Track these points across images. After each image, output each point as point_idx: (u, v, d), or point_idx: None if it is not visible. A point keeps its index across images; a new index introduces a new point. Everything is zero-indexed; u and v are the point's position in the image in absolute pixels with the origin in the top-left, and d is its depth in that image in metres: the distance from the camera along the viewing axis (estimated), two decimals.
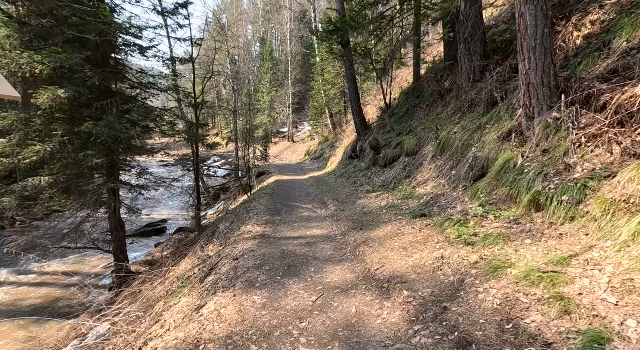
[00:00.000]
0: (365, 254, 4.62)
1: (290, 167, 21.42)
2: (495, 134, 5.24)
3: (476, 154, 5.33)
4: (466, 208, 4.61)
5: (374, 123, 12.36)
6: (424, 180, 6.84)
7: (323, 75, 21.59)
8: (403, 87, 12.86)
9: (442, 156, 6.77)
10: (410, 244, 4.43)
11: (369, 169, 9.78)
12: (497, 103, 6.13)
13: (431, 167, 6.91)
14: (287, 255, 5.07)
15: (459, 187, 5.40)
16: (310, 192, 10.59)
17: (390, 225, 5.48)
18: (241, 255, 5.29)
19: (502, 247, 3.39)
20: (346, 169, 12.00)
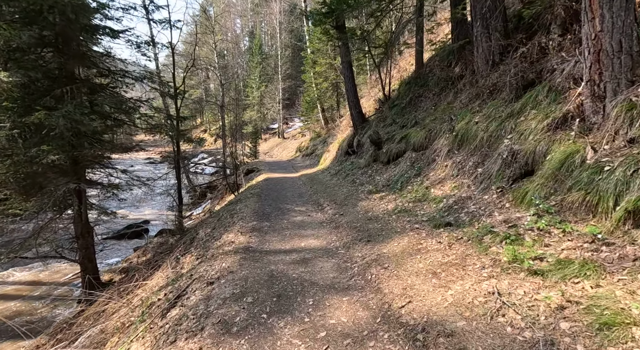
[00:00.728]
0: (381, 279, 3.44)
1: (280, 165, 20.14)
2: (538, 121, 4.10)
3: (512, 147, 4.19)
4: (512, 217, 3.45)
5: (372, 116, 11.20)
6: (439, 179, 5.68)
7: (315, 68, 20.31)
8: (403, 77, 11.72)
9: (461, 151, 5.63)
10: (441, 266, 3.26)
11: (369, 166, 8.61)
12: (530, 86, 5.00)
13: (447, 163, 5.76)
14: (277, 279, 3.85)
15: (492, 188, 4.25)
16: (303, 192, 9.37)
17: (407, 236, 4.32)
18: (217, 279, 4.06)
19: (596, 283, 2.24)
20: (342, 166, 10.80)
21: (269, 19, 38.87)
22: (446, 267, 3.21)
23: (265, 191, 10.14)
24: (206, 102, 32.04)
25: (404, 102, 9.67)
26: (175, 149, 12.72)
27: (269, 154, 31.43)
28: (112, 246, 15.39)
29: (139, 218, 19.28)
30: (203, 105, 38.89)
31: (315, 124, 24.26)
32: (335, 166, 11.85)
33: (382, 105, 11.25)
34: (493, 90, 5.95)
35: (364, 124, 10.51)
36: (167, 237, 13.17)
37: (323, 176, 11.42)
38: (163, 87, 10.61)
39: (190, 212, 19.73)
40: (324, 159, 16.20)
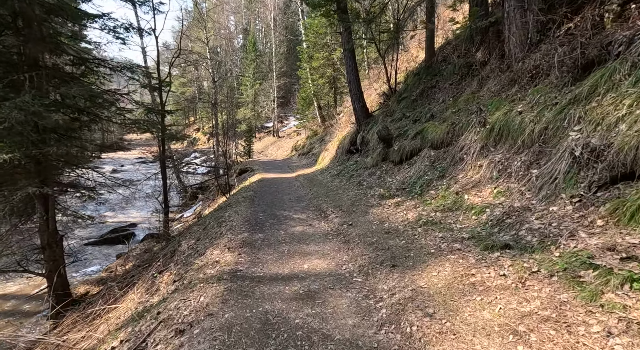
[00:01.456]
0: (428, 336, 2.27)
1: (276, 164, 18.90)
2: (628, 107, 2.96)
3: (590, 142, 3.06)
4: (620, 243, 2.31)
5: (376, 111, 10.05)
6: (472, 182, 4.53)
7: (311, 63, 19.08)
8: (408, 69, 10.58)
9: (500, 147, 4.49)
10: (522, 320, 2.11)
11: (378, 166, 7.44)
12: (595, 64, 3.87)
13: (482, 163, 4.62)
14: (274, 329, 2.66)
15: (562, 197, 3.11)
16: (301, 195, 8.18)
17: (447, 261, 3.16)
18: (190, 325, 2.86)
19: None
20: (344, 166, 9.63)
21: (264, 15, 37.52)
22: (534, 324, 2.05)
23: (259, 194, 8.93)
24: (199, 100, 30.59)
25: (413, 95, 8.52)
26: (160, 147, 11.44)
27: (263, 153, 30.15)
28: (95, 252, 14.03)
29: (125, 221, 17.94)
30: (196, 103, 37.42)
31: (311, 122, 23.04)
32: (336, 166, 10.66)
33: (388, 99, 10.10)
34: (535, 74, 4.81)
35: (368, 119, 9.35)
36: (152, 244, 11.94)
37: (323, 177, 10.23)
38: (145, 78, 9.30)
39: (180, 214, 18.44)
40: (322, 158, 15.00)
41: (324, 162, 13.88)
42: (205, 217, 8.03)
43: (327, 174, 10.47)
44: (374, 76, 14.70)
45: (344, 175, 8.77)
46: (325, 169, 11.63)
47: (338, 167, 10.20)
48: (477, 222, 3.73)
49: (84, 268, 12.07)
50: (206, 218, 7.65)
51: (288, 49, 38.00)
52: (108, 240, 14.42)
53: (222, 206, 8.74)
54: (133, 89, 11.48)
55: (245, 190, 10.47)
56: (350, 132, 10.17)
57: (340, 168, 9.81)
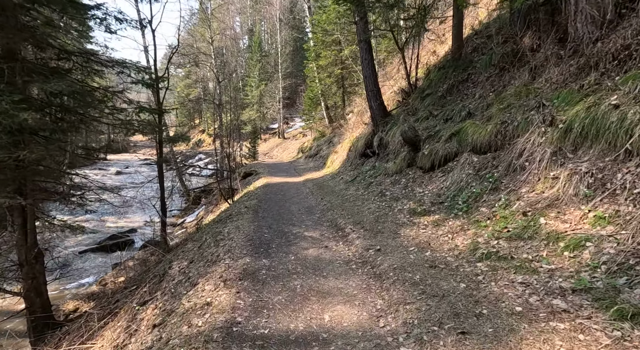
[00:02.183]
0: None
1: (281, 167, 17.77)
2: None
3: None
4: None
5: (394, 109, 8.87)
6: (545, 200, 3.34)
7: (318, 61, 17.94)
8: (429, 63, 9.38)
9: (584, 153, 3.29)
10: None
11: (402, 172, 6.25)
12: None
13: (556, 174, 3.42)
14: None
15: None
16: (312, 205, 7.03)
17: (552, 333, 1.99)
18: None
19: None
20: (359, 171, 8.46)
21: (269, 15, 36.49)
22: None
23: (263, 203, 7.79)
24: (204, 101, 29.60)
25: (440, 91, 7.33)
26: (157, 150, 10.35)
27: (269, 154, 29.06)
28: (92, 260, 12.98)
29: (125, 226, 16.91)
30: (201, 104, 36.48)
31: (318, 123, 21.89)
32: (349, 170, 9.49)
33: (407, 97, 8.91)
34: (624, 56, 3.61)
35: (386, 119, 8.18)
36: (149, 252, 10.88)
37: (335, 183, 9.06)
38: (138, 73, 8.19)
39: (182, 219, 17.39)
40: (330, 161, 13.84)
41: (334, 165, 12.72)
42: (203, 230, 6.90)
43: (339, 179, 9.30)
44: (386, 73, 13.50)
45: (360, 182, 7.60)
46: (336, 174, 10.46)
47: (351, 172, 9.02)
48: (577, 263, 2.53)
49: (79, 279, 11.02)
50: (203, 233, 6.51)
51: (294, 50, 36.91)
52: (105, 247, 13.35)
53: (222, 217, 7.60)
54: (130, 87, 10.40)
55: (249, 197, 9.34)
56: (365, 134, 9.01)
57: (355, 173, 8.63)
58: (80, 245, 14.03)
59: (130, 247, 13.96)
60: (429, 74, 8.84)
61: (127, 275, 9.16)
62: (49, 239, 10.71)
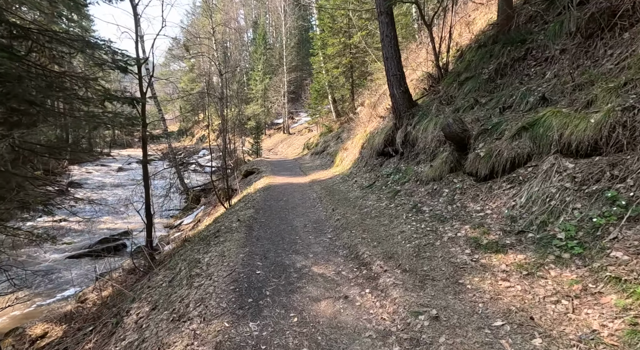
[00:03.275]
0: None
1: (286, 165, 16.12)
2: None
3: None
4: None
5: (420, 98, 7.14)
6: None
7: (325, 50, 16.14)
8: (461, 43, 7.60)
9: None
10: None
11: (443, 179, 4.54)
12: None
13: None
14: None
15: None
16: (321, 218, 5.39)
17: None
18: None
19: None
20: (378, 174, 6.77)
21: (273, 6, 34.54)
22: None
23: (261, 213, 6.16)
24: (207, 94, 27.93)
25: (484, 73, 5.58)
26: (143, 148, 8.72)
27: (273, 150, 27.42)
28: (79, 267, 11.44)
29: (119, 228, 15.41)
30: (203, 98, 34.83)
31: (324, 117, 20.14)
32: (364, 172, 7.79)
33: (436, 83, 7.15)
34: None
35: (412, 109, 6.46)
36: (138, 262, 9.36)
37: (347, 187, 7.39)
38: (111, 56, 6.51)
39: (180, 220, 15.81)
40: (339, 159, 12.15)
41: (344, 164, 11.03)
42: (178, 257, 5.26)
43: (352, 182, 7.62)
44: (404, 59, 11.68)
45: (381, 189, 5.91)
46: (347, 175, 8.78)
47: (368, 175, 7.33)
48: None
49: (60, 291, 9.50)
50: (178, 260, 4.88)
51: (299, 42, 34.98)
52: (93, 253, 11.83)
53: (208, 232, 5.95)
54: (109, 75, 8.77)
55: (246, 203, 7.71)
56: (383, 128, 7.31)
57: (372, 177, 6.94)
58: (71, 249, 12.57)
59: (123, 251, 12.48)
60: (462, 55, 7.07)
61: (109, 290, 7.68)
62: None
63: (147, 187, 8.63)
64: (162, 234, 14.04)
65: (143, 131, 8.36)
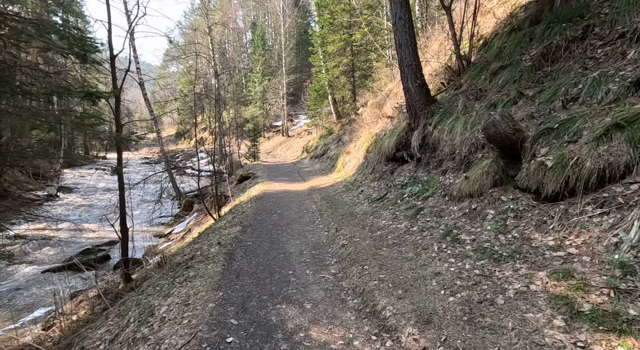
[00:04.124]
0: None
1: (283, 169, 14.91)
2: None
3: None
4: None
5: (439, 94, 5.94)
6: None
7: (325, 47, 14.98)
8: (483, 30, 6.42)
9: None
10: None
11: (482, 197, 3.31)
12: None
13: None
14: None
15: None
16: (322, 242, 4.18)
17: None
18: None
19: None
20: (389, 184, 5.56)
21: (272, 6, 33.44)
22: None
23: (249, 233, 4.94)
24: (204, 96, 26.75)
25: (524, 60, 4.39)
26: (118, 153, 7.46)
27: (271, 153, 26.21)
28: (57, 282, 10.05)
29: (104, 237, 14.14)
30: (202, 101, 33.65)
31: (324, 119, 18.95)
32: (371, 180, 6.57)
33: (457, 76, 5.96)
34: None
35: (431, 106, 5.26)
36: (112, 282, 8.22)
37: (352, 199, 6.18)
38: (66, 40, 5.28)
39: (171, 228, 14.55)
40: (341, 164, 10.94)
41: (346, 170, 9.82)
42: (135, 298, 4.02)
43: (357, 193, 6.41)
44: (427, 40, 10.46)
45: (396, 203, 4.69)
46: (351, 183, 7.58)
47: (376, 184, 6.10)
48: None
49: (29, 312, 8.25)
50: (132, 304, 3.65)
51: (298, 43, 33.83)
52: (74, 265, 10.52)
53: (180, 261, 4.72)
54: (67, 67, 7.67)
55: (234, 218, 6.48)
56: (396, 129, 6.11)
57: (382, 187, 5.72)
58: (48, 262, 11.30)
59: (105, 263, 11.22)
60: (486, 44, 5.88)
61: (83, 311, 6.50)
62: None
63: (123, 198, 7.38)
64: (151, 244, 12.76)
65: (117, 134, 7.16)
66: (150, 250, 11.66)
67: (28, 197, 18.71)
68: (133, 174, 23.41)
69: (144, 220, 15.20)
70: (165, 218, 16.56)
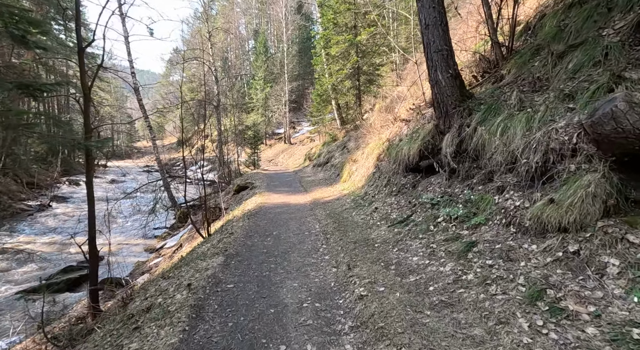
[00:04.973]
0: None
1: (284, 178, 13.65)
2: None
3: None
4: None
5: (473, 88, 4.69)
6: None
7: (328, 49, 13.85)
8: (524, 14, 5.20)
9: None
10: None
11: (586, 231, 2.04)
12: None
13: None
14: None
15: None
16: (329, 284, 2.89)
17: None
18: None
19: None
20: (413, 201, 4.28)
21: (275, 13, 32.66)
22: None
23: (232, 268, 3.65)
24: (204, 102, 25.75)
25: (606, 35, 3.16)
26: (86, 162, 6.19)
27: (273, 161, 25.00)
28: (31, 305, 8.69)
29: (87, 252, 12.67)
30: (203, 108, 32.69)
31: (328, 126, 17.77)
32: (387, 195, 5.29)
33: (493, 68, 4.72)
34: None
35: (467, 102, 4.01)
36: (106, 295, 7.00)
37: (364, 217, 4.89)
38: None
39: (163, 242, 13.21)
40: (347, 173, 9.66)
41: (354, 180, 8.53)
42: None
43: (369, 209, 5.12)
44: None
45: (428, 230, 3.40)
46: (361, 197, 6.30)
47: (394, 200, 4.82)
48: None
49: None
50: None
51: (300, 51, 32.94)
52: (52, 286, 9.23)
53: (132, 313, 3.44)
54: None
55: (220, 241, 5.20)
56: (419, 132, 4.84)
57: (404, 203, 4.43)
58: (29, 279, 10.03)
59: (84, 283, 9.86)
60: (532, 26, 4.65)
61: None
62: None
63: (92, 216, 6.11)
64: (140, 260, 11.45)
65: (86, 138, 5.94)
66: (139, 268, 10.37)
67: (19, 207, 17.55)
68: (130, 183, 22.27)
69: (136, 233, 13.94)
70: (159, 230, 15.25)
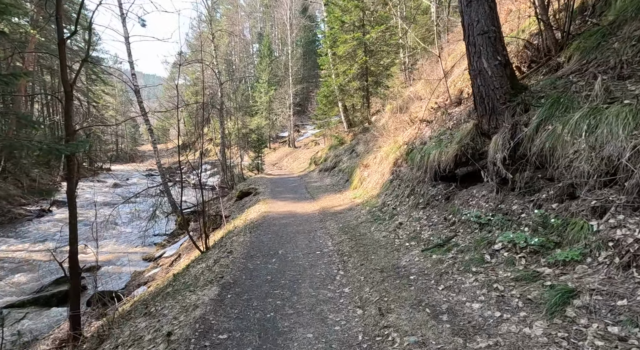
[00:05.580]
0: None
1: (289, 184, 12.82)
2: None
3: None
4: None
5: (523, 79, 3.86)
6: None
7: (335, 48, 13.07)
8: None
9: None
10: None
11: None
12: None
13: None
14: None
15: None
16: (354, 335, 2.08)
17: None
18: None
19: None
20: (451, 218, 3.43)
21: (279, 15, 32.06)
22: None
23: (229, 303, 2.82)
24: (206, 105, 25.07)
25: None
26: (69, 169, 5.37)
27: (277, 165, 24.21)
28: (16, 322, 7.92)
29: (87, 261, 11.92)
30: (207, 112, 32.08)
31: (334, 128, 16.95)
32: (413, 207, 4.43)
33: (546, 55, 3.86)
34: None
35: (521, 96, 3.18)
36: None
37: (387, 235, 4.04)
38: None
39: (163, 250, 12.34)
40: (358, 180, 8.80)
41: (366, 187, 7.67)
42: None
43: (393, 225, 4.27)
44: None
45: (482, 261, 2.54)
46: (378, 208, 5.45)
47: (423, 214, 3.96)
48: None
49: None
50: None
51: (305, 53, 32.27)
52: (40, 300, 8.43)
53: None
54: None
55: (216, 263, 4.37)
56: (458, 135, 3.99)
57: (437, 220, 3.58)
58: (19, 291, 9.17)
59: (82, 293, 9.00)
60: (586, 9, 3.81)
61: None
62: None
63: (74, 228, 5.26)
64: (137, 269, 10.60)
65: (67, 140, 5.13)
66: (136, 279, 9.55)
67: (18, 212, 16.90)
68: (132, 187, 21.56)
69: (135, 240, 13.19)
70: (159, 237, 14.41)
